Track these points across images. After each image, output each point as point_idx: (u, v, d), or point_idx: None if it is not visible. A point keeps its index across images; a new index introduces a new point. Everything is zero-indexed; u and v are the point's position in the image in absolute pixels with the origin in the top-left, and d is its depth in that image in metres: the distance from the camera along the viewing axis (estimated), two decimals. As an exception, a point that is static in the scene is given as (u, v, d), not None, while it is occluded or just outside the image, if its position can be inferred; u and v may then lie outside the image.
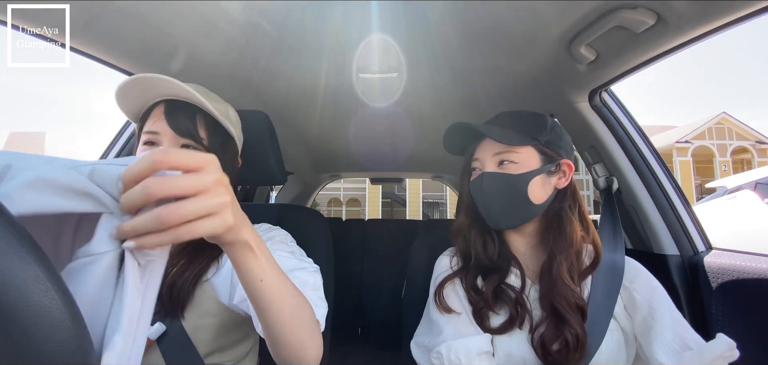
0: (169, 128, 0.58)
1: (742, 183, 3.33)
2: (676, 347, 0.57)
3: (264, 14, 0.73)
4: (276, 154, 0.80)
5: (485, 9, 0.70)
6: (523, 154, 0.66)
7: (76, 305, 0.23)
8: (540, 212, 0.68)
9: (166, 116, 0.59)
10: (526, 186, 0.65)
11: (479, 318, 0.64)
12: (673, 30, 0.64)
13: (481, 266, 0.69)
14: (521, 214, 0.67)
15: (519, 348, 0.61)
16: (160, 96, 0.61)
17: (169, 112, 0.59)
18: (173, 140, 0.59)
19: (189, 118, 0.60)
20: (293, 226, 0.83)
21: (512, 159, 0.66)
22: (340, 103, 1.19)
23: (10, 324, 0.20)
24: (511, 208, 0.66)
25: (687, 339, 0.57)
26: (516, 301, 0.63)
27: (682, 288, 0.87)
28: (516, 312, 0.62)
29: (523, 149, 0.66)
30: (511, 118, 0.70)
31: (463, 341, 0.60)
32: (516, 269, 0.68)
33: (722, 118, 15.21)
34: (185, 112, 0.60)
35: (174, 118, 0.59)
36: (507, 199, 0.66)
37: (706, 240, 0.92)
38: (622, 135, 0.95)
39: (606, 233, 0.76)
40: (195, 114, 0.61)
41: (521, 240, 0.72)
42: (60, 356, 0.22)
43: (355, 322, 1.96)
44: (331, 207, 19.09)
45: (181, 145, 0.59)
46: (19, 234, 0.22)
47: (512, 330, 0.62)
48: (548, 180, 0.68)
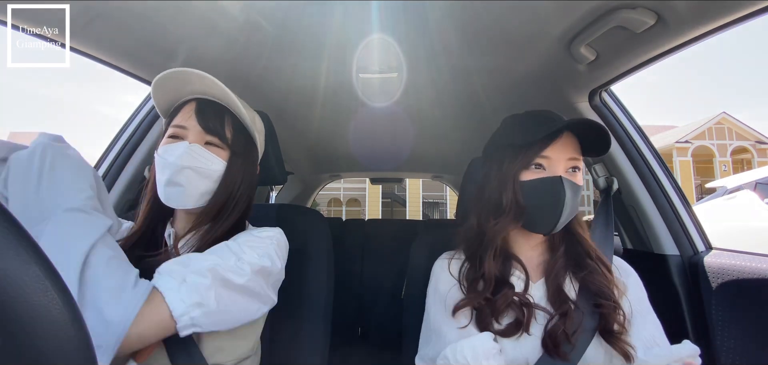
0: (198, 124, 0.60)
1: (742, 184, 3.33)
2: (649, 343, 0.61)
3: (264, 14, 0.73)
4: (276, 154, 0.80)
5: (485, 9, 0.70)
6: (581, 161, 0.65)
7: (76, 305, 0.23)
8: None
9: (197, 113, 0.61)
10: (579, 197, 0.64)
11: (482, 319, 0.63)
12: (673, 30, 0.64)
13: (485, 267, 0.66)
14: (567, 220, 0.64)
15: (524, 348, 0.61)
16: (193, 93, 0.63)
17: (199, 110, 0.61)
18: (200, 135, 0.61)
19: (217, 116, 0.62)
20: (293, 226, 0.82)
21: (580, 166, 0.64)
22: (340, 103, 1.19)
23: (10, 325, 0.20)
24: (568, 217, 0.63)
25: (658, 340, 0.62)
26: (521, 305, 0.62)
27: (682, 288, 0.87)
28: (522, 315, 0.60)
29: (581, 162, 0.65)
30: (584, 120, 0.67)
31: (468, 341, 0.59)
32: (518, 270, 0.67)
33: (722, 118, 15.20)
34: (215, 110, 0.62)
35: (204, 115, 0.61)
36: (574, 207, 0.63)
37: (706, 240, 0.92)
38: (622, 135, 0.95)
39: (598, 232, 0.76)
40: (223, 114, 0.63)
41: (527, 243, 0.69)
42: (60, 356, 0.22)
43: (355, 322, 1.96)
44: (331, 207, 19.09)
45: (206, 141, 0.61)
46: (19, 235, 0.22)
47: (518, 333, 0.60)
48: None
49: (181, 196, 0.59)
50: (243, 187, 0.65)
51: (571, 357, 0.58)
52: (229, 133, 0.63)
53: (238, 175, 0.64)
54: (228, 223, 0.63)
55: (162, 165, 0.59)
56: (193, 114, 0.61)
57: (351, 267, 1.98)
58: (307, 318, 0.77)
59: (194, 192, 0.60)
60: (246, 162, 0.66)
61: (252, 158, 0.69)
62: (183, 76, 0.60)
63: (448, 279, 0.69)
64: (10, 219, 0.22)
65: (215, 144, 0.62)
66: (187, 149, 0.58)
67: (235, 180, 0.64)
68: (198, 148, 0.59)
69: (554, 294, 0.63)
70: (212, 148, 0.62)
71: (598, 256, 0.65)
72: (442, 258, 0.75)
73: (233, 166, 0.63)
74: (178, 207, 0.61)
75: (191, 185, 0.59)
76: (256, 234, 0.64)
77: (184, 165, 0.58)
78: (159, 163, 0.60)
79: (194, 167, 0.59)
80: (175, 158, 0.58)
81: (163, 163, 0.59)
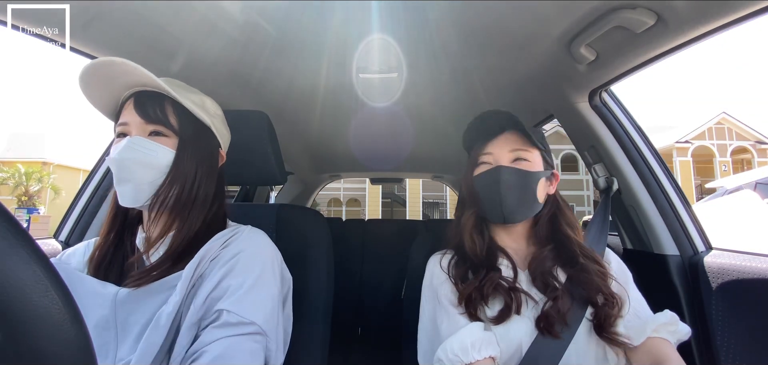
0: (138, 116, 0.58)
1: (742, 184, 3.33)
2: (629, 318, 0.63)
3: (264, 14, 0.73)
4: (276, 154, 0.80)
5: (485, 9, 0.70)
6: (534, 154, 0.71)
7: (77, 305, 0.23)
8: (539, 211, 0.72)
9: (135, 106, 0.58)
10: (536, 183, 0.69)
11: (471, 310, 0.65)
12: (673, 30, 0.64)
13: (471, 260, 0.71)
14: (528, 209, 0.70)
15: (515, 334, 0.62)
16: (127, 86, 0.59)
17: (137, 102, 0.59)
18: (141, 127, 0.58)
19: (157, 105, 0.59)
20: (293, 226, 0.83)
21: (527, 157, 0.70)
22: (340, 103, 1.19)
23: (10, 325, 0.20)
24: (523, 202, 0.69)
25: (639, 312, 0.65)
26: (509, 289, 0.65)
27: (682, 288, 0.87)
28: (510, 299, 0.64)
29: (534, 151, 0.71)
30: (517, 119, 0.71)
31: (456, 336, 0.61)
32: (506, 260, 0.70)
33: (722, 118, 15.21)
34: (153, 100, 0.59)
35: (141, 106, 0.58)
36: (521, 193, 0.69)
37: (706, 240, 0.92)
38: (622, 135, 0.95)
39: (594, 229, 0.81)
40: (164, 102, 0.60)
41: (507, 237, 0.74)
42: (61, 356, 0.22)
43: (355, 322, 1.96)
44: (331, 207, 19.09)
45: (150, 132, 0.58)
46: (19, 235, 0.22)
47: (509, 317, 0.63)
48: (546, 184, 0.73)
49: (132, 193, 0.57)
50: (200, 176, 0.61)
51: (564, 336, 0.61)
52: (174, 120, 0.59)
53: (190, 163, 0.60)
54: (197, 220, 0.60)
55: (111, 165, 0.57)
56: (133, 107, 0.58)
57: (351, 267, 1.98)
58: (307, 318, 0.77)
59: (147, 186, 0.57)
60: (199, 148, 0.62)
61: (207, 144, 0.64)
62: (107, 69, 0.56)
63: (440, 274, 0.73)
64: (10, 219, 0.22)
65: (160, 133, 0.59)
66: (129, 142, 0.56)
67: (187, 168, 0.60)
68: (139, 139, 0.57)
69: (541, 279, 0.66)
70: (158, 138, 0.58)
71: (589, 255, 0.68)
72: (435, 255, 0.78)
73: (183, 152, 0.60)
74: (132, 205, 0.58)
75: (139, 179, 0.57)
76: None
77: (126, 158, 0.55)
78: (110, 164, 0.57)
79: (138, 159, 0.56)
80: (117, 154, 0.56)
81: (111, 163, 0.57)
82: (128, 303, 0.54)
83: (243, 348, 0.52)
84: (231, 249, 0.59)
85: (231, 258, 0.57)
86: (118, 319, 0.53)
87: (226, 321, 0.51)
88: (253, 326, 0.53)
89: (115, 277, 0.58)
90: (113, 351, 0.52)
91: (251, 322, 0.53)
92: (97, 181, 1.02)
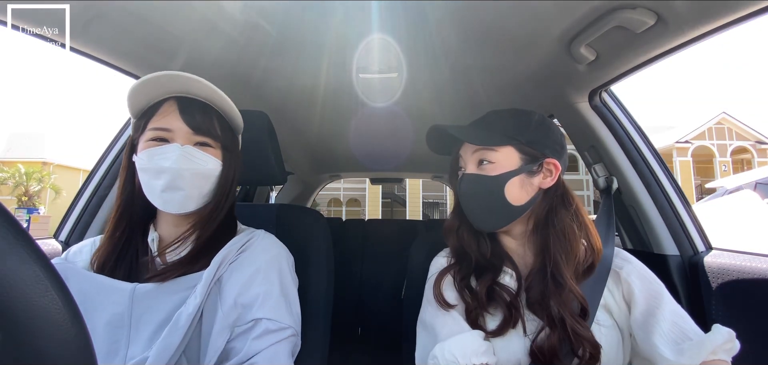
0: (185, 125, 0.57)
1: (742, 184, 3.34)
2: (676, 337, 0.56)
3: (264, 14, 0.73)
4: (276, 154, 0.80)
5: (485, 9, 0.70)
6: (501, 154, 0.65)
7: (76, 305, 0.23)
8: (521, 213, 0.65)
9: (181, 113, 0.57)
10: (502, 187, 0.63)
11: (472, 318, 0.63)
12: (673, 30, 0.64)
13: (474, 264, 0.68)
14: (500, 216, 0.65)
15: (515, 350, 0.60)
16: (170, 92, 0.59)
17: (183, 109, 0.58)
18: (188, 137, 0.58)
19: (205, 114, 0.59)
20: (293, 226, 0.83)
21: (490, 159, 0.65)
22: (341, 103, 1.19)
23: (10, 325, 0.20)
24: (489, 210, 0.66)
25: (686, 330, 0.56)
26: (510, 304, 0.61)
27: (682, 288, 0.87)
28: (509, 314, 0.60)
29: (501, 149, 0.65)
30: (494, 117, 0.69)
31: (457, 338, 0.58)
32: (510, 269, 0.66)
33: (722, 118, 15.20)
34: (201, 108, 0.59)
35: (189, 114, 0.58)
36: (484, 201, 0.66)
37: (706, 240, 0.92)
38: (622, 135, 0.95)
39: (600, 229, 0.76)
40: (210, 111, 0.60)
41: (512, 241, 0.70)
42: (61, 356, 0.22)
43: (355, 322, 1.96)
44: (331, 207, 19.09)
45: (197, 142, 0.58)
46: (19, 235, 0.22)
47: (507, 331, 0.60)
48: (530, 180, 0.65)
49: (183, 200, 0.57)
50: (234, 184, 0.64)
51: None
52: (219, 130, 0.61)
53: (231, 171, 0.63)
54: (217, 223, 0.62)
55: (155, 170, 0.56)
56: (177, 114, 0.57)
57: (351, 267, 1.98)
58: (307, 317, 0.77)
59: (196, 194, 0.58)
60: (236, 155, 0.65)
61: (238, 150, 0.68)
62: (162, 78, 0.56)
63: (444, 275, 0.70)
64: (10, 219, 0.22)
65: (207, 144, 0.59)
66: (182, 152, 0.56)
67: (229, 176, 0.62)
68: (192, 149, 0.57)
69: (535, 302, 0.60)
70: (204, 148, 0.59)
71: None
72: (439, 255, 0.77)
73: (227, 163, 0.62)
74: (179, 211, 0.58)
75: (193, 188, 0.57)
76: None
77: (184, 168, 0.55)
78: (148, 168, 0.56)
79: (194, 170, 0.57)
80: (171, 162, 0.55)
81: (156, 168, 0.55)
82: (146, 299, 0.54)
83: (285, 352, 0.57)
84: (249, 255, 0.62)
85: (251, 264, 0.61)
86: (133, 316, 0.53)
87: (267, 329, 0.56)
88: (290, 329, 0.59)
89: (122, 276, 0.58)
90: (124, 350, 0.52)
91: (289, 326, 0.58)
92: (97, 181, 1.02)
